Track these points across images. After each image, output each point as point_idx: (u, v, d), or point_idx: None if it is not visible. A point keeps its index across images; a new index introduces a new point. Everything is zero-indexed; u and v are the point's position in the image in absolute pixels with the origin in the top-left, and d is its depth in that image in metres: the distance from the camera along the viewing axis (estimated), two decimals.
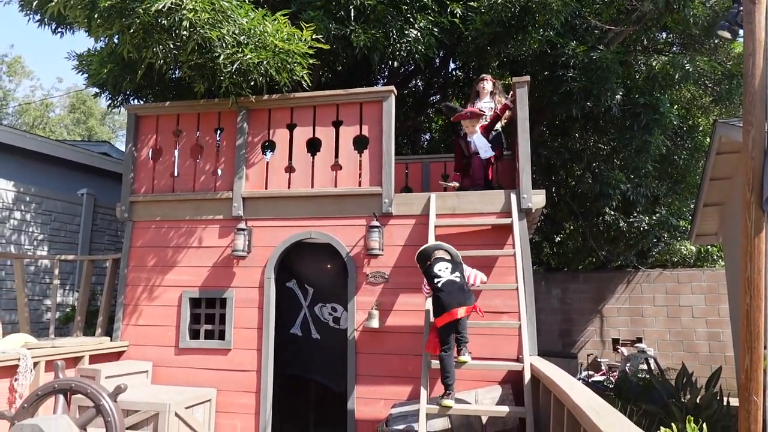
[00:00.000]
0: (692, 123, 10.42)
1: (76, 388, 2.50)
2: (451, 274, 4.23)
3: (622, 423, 2.02)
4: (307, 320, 5.79)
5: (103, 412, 2.42)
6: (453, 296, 4.14)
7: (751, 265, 1.46)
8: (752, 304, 1.44)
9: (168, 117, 6.02)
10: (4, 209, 7.24)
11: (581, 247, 11.43)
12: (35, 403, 2.58)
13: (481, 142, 5.63)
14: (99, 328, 5.93)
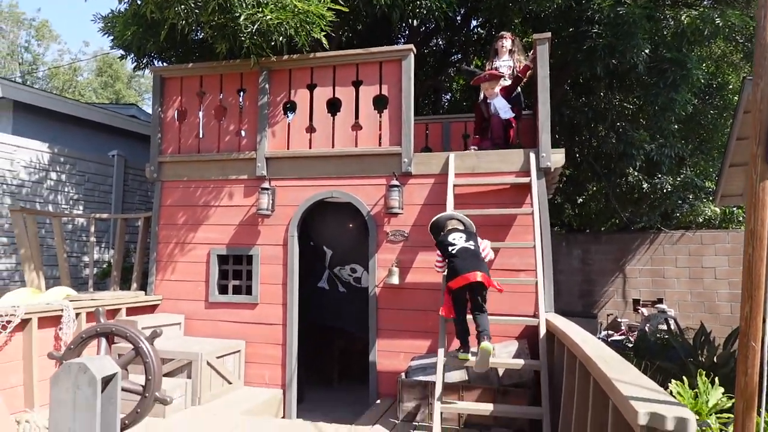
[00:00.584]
0: (721, 80, 10.11)
1: (117, 331, 2.71)
2: (466, 242, 4.22)
3: (629, 371, 2.13)
4: (332, 278, 6.02)
5: (142, 353, 2.62)
6: (468, 262, 4.10)
7: (755, 217, 1.52)
8: (754, 254, 1.51)
9: (192, 78, 6.12)
10: (41, 170, 7.52)
11: (604, 208, 11.36)
12: (80, 345, 2.80)
13: (500, 104, 5.60)
14: (134, 283, 6.22)
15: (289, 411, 5.48)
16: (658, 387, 1.86)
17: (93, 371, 1.98)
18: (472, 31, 9.77)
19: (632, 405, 1.65)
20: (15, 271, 7.23)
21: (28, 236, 5.92)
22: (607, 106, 9.47)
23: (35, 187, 7.47)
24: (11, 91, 8.17)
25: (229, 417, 4.60)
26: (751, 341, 1.49)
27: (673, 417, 1.54)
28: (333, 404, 6.07)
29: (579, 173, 10.41)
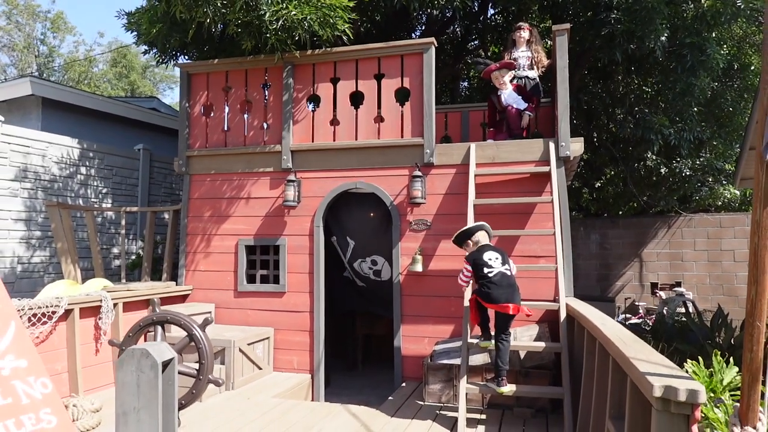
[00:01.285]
0: (743, 62, 10.02)
1: (172, 320, 2.92)
2: (502, 265, 4.15)
3: (645, 350, 2.28)
4: (350, 273, 6.21)
5: (195, 339, 2.83)
6: (505, 290, 4.04)
7: (760, 208, 1.66)
8: (759, 243, 1.64)
9: (217, 74, 6.30)
10: (71, 165, 7.80)
11: (622, 192, 11.38)
12: (138, 332, 3.02)
13: (512, 97, 5.67)
14: (165, 274, 6.48)
15: (317, 395, 5.71)
16: (672, 364, 2.02)
17: (154, 356, 2.19)
18: (490, 18, 9.81)
19: (648, 380, 1.81)
20: (49, 263, 7.54)
21: (64, 230, 6.19)
22: (625, 91, 9.48)
23: (66, 181, 7.75)
24: (40, 88, 8.44)
25: (262, 401, 4.84)
26: (756, 321, 1.63)
27: (686, 389, 1.71)
28: (359, 388, 6.30)
29: (597, 158, 10.44)
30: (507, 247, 5.23)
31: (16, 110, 8.50)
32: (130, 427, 2.20)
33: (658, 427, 1.80)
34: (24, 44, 28.61)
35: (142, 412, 2.19)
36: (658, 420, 1.80)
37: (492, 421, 4.28)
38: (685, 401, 1.71)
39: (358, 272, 6.16)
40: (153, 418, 2.20)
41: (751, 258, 1.67)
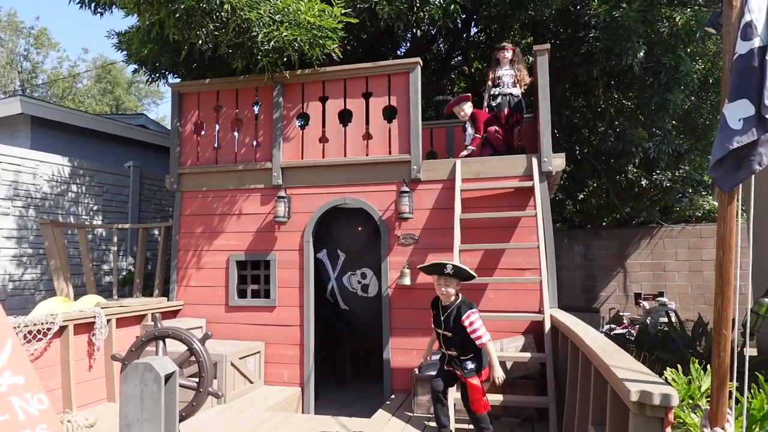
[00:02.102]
0: (717, 76, 10.37)
1: (173, 335, 3.01)
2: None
3: (624, 358, 2.42)
4: (335, 292, 6.19)
5: (195, 353, 2.92)
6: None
7: (724, 226, 1.80)
8: (724, 257, 1.79)
9: (208, 93, 6.43)
10: (62, 183, 7.83)
11: (604, 204, 11.65)
12: (140, 347, 3.10)
13: (469, 131, 5.98)
14: (156, 290, 6.53)
15: (307, 407, 5.78)
16: (648, 371, 2.16)
17: (157, 369, 2.28)
18: (473, 36, 10.06)
19: (626, 385, 1.94)
20: (40, 281, 7.54)
21: (57, 247, 6.22)
22: (606, 105, 9.76)
23: (57, 199, 7.78)
24: (29, 107, 8.49)
25: (255, 414, 4.91)
26: (722, 329, 1.78)
27: (659, 393, 1.85)
28: (349, 400, 6.37)
29: (579, 170, 10.69)
30: (492, 260, 5.39)
31: (4, 128, 8.53)
32: None
33: (635, 430, 1.94)
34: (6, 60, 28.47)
35: (145, 424, 2.28)
36: (635, 423, 1.94)
37: None
38: (659, 404, 1.85)
39: (346, 288, 6.14)
40: (156, 430, 2.29)
41: (717, 271, 1.83)
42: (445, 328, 3.72)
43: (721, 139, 1.79)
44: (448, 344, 3.77)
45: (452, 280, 3.71)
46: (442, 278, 3.70)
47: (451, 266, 3.67)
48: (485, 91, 6.15)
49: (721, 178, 1.76)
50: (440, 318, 3.75)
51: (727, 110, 1.81)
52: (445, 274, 3.68)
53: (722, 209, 1.82)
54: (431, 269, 3.80)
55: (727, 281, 1.79)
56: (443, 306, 3.77)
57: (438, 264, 3.74)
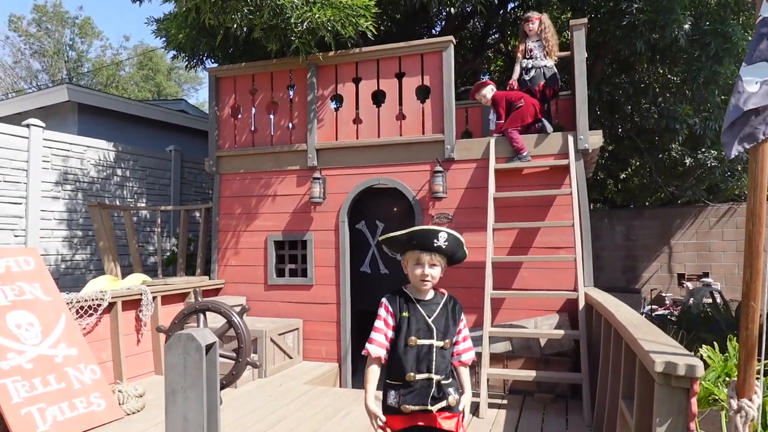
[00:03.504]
0: None
1: (213, 308, 3.16)
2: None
3: (654, 332, 2.41)
4: (376, 257, 6.36)
5: (234, 325, 3.06)
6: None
7: (754, 198, 1.77)
8: (753, 229, 1.76)
9: (244, 77, 6.55)
10: (107, 167, 8.17)
11: (647, 183, 11.32)
12: (183, 319, 3.28)
13: (491, 116, 5.86)
14: (198, 269, 6.78)
15: (345, 382, 5.94)
16: (677, 344, 2.16)
17: (199, 340, 2.41)
18: (509, 12, 9.86)
19: (651, 357, 1.95)
20: (90, 261, 7.92)
21: (105, 229, 6.52)
22: (649, 81, 9.43)
23: (103, 183, 8.12)
24: (76, 94, 8.84)
25: (294, 387, 5.08)
26: (751, 301, 1.76)
27: (684, 364, 1.85)
28: None
29: (621, 149, 10.41)
30: (527, 238, 5.37)
31: (53, 116, 8.91)
32: (179, 405, 2.43)
33: (660, 400, 1.95)
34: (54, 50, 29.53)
35: (188, 391, 2.42)
36: (660, 394, 1.95)
37: (513, 405, 4.44)
38: (684, 375, 1.85)
39: (385, 253, 6.29)
40: (198, 396, 2.42)
41: (746, 244, 1.80)
42: (436, 336, 2.27)
43: (735, 101, 1.75)
44: (428, 365, 2.25)
45: (441, 260, 2.30)
46: (429, 255, 2.27)
47: (446, 235, 2.26)
48: (516, 63, 6.01)
49: (728, 143, 1.74)
50: (416, 322, 2.28)
51: (744, 72, 1.77)
52: (435, 248, 2.26)
53: (752, 181, 1.78)
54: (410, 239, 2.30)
55: (756, 254, 1.76)
56: (420, 302, 2.32)
57: (423, 231, 2.28)
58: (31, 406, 3.69)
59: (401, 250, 2.39)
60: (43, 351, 4.03)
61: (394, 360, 2.30)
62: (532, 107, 5.52)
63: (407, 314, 2.31)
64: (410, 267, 2.33)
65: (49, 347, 4.08)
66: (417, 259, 2.29)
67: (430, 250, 2.27)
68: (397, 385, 2.28)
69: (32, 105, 9.01)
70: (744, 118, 1.72)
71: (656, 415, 1.98)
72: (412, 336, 2.27)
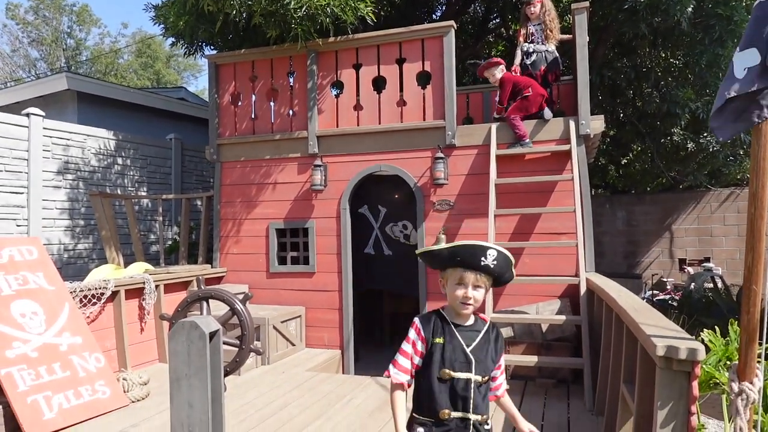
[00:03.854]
0: None
1: (216, 295, 3.18)
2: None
3: (655, 316, 2.42)
4: (379, 240, 6.40)
5: (237, 312, 3.08)
6: None
7: (757, 181, 1.76)
8: (755, 213, 1.75)
9: (244, 64, 6.52)
10: (108, 156, 8.16)
11: (649, 168, 11.29)
12: (186, 307, 3.29)
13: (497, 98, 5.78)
14: (200, 257, 6.80)
15: (347, 369, 5.97)
16: (678, 328, 2.17)
17: (202, 327, 2.43)
18: None
19: (653, 341, 1.96)
20: (92, 250, 7.95)
21: (106, 218, 6.53)
22: (651, 65, 9.37)
23: (104, 172, 8.12)
24: (75, 82, 8.80)
25: (296, 374, 5.12)
26: (753, 285, 1.77)
27: (686, 348, 1.86)
28: (386, 362, 6.50)
29: (622, 134, 10.36)
30: (528, 224, 5.37)
31: (53, 105, 8.89)
32: (183, 392, 2.45)
33: (661, 384, 1.96)
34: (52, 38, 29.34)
35: (193, 378, 2.44)
36: (661, 377, 1.96)
37: (515, 391, 4.47)
38: (686, 359, 1.87)
39: (389, 236, 6.32)
40: (203, 383, 2.44)
41: (748, 228, 1.80)
42: (474, 369, 1.97)
43: (723, 88, 1.75)
44: (465, 403, 1.97)
45: (487, 281, 2.00)
46: (474, 274, 1.96)
47: (496, 253, 1.96)
48: (518, 48, 5.96)
49: (719, 128, 1.73)
50: (452, 350, 1.99)
51: (737, 58, 1.77)
52: (482, 267, 1.96)
53: (754, 165, 1.78)
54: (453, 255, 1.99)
55: (758, 238, 1.76)
56: (459, 328, 2.03)
57: (469, 248, 1.98)
58: (38, 394, 3.73)
59: (441, 266, 2.06)
60: (47, 340, 4.05)
61: (423, 392, 2.02)
62: (539, 98, 5.48)
63: (442, 340, 2.00)
64: (450, 287, 2.01)
65: (54, 336, 4.11)
66: (459, 278, 1.97)
67: (475, 269, 1.96)
68: (427, 422, 1.99)
69: (31, 94, 8.98)
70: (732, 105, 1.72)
71: (657, 399, 1.99)
72: (446, 368, 1.96)
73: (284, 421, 3.85)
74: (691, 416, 1.95)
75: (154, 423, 3.83)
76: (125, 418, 3.95)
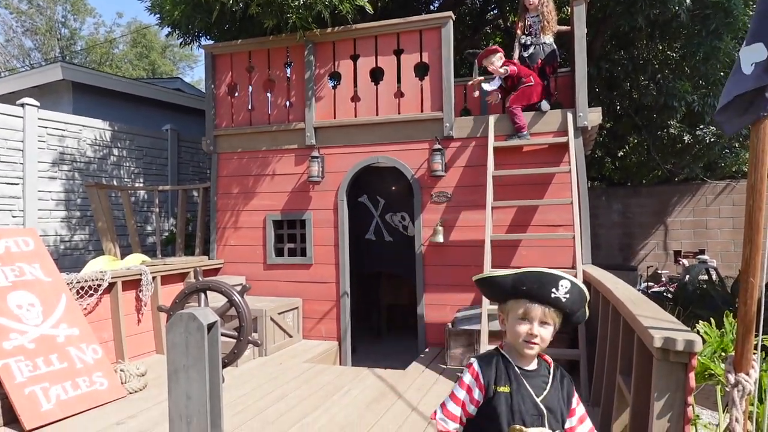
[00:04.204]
0: None
1: (214, 287, 3.18)
2: None
3: (652, 308, 2.44)
4: (380, 226, 6.48)
5: (235, 304, 3.08)
6: None
7: (755, 174, 1.77)
8: (754, 205, 1.76)
9: (241, 54, 6.48)
10: (104, 147, 8.12)
11: (645, 161, 11.31)
12: (184, 299, 3.29)
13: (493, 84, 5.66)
14: (197, 249, 6.79)
15: (344, 360, 6.00)
16: (674, 319, 2.18)
17: (200, 319, 2.42)
18: None
19: (650, 332, 1.98)
20: (89, 241, 7.92)
21: (102, 209, 6.51)
22: (649, 57, 9.36)
23: (100, 163, 8.08)
24: (70, 72, 8.74)
25: (294, 365, 5.14)
26: (750, 277, 1.78)
27: (683, 339, 1.87)
28: (384, 354, 6.56)
29: (619, 126, 10.38)
30: (525, 217, 5.38)
31: (48, 95, 8.82)
32: (181, 383, 2.45)
33: (658, 375, 1.98)
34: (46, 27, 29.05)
35: (191, 369, 2.44)
36: (658, 369, 1.98)
37: None
38: (683, 350, 1.88)
39: (389, 224, 6.38)
40: (201, 374, 2.44)
41: (746, 220, 1.81)
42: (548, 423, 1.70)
43: (730, 84, 1.74)
44: None
45: (557, 317, 1.72)
46: (541, 309, 1.70)
47: (569, 285, 1.70)
48: (516, 40, 5.94)
49: (725, 122, 1.73)
50: (521, 401, 1.70)
51: (743, 53, 1.76)
52: (552, 300, 1.69)
53: (753, 157, 1.78)
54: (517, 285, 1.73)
55: (756, 230, 1.77)
56: (525, 374, 1.74)
57: (537, 276, 1.72)
58: (35, 386, 3.73)
59: (502, 297, 1.78)
60: (44, 331, 4.05)
61: None
62: (540, 87, 5.48)
63: (507, 389, 1.69)
64: (511, 321, 1.73)
65: (51, 327, 4.11)
66: (524, 312, 1.69)
67: (544, 302, 1.68)
68: None
69: (26, 84, 8.91)
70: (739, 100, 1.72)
71: (654, 390, 2.01)
72: (516, 423, 1.64)
73: (282, 412, 3.86)
74: (687, 407, 1.97)
75: (152, 414, 3.84)
76: (123, 409, 3.95)
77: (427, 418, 3.68)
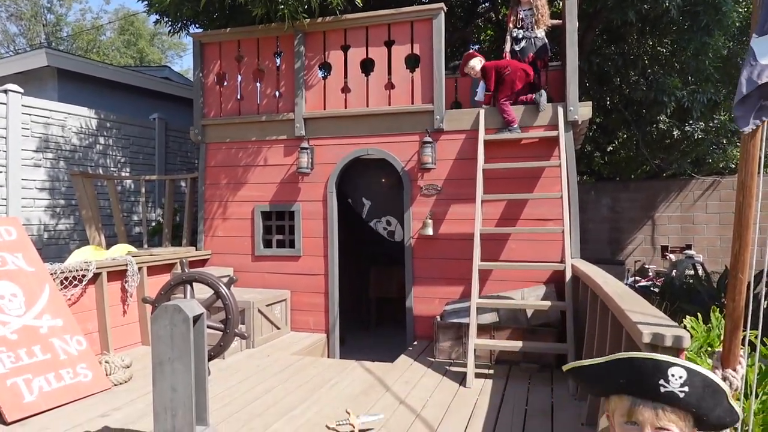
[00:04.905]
0: None
1: (200, 279, 3.14)
2: None
3: (640, 303, 2.44)
4: None
5: (222, 296, 3.05)
6: None
7: (745, 170, 1.76)
8: (743, 201, 1.76)
9: (230, 43, 6.39)
10: (90, 135, 8.00)
11: (634, 156, 11.37)
12: (170, 291, 3.26)
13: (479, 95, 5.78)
14: (185, 239, 6.72)
15: (333, 353, 5.98)
16: (662, 315, 2.18)
17: (186, 311, 2.39)
18: None
19: (639, 328, 1.98)
20: (73, 231, 7.82)
21: (88, 198, 6.41)
22: (639, 53, 9.38)
23: (86, 151, 7.96)
24: (55, 59, 8.58)
25: (281, 357, 5.11)
26: (738, 273, 1.78)
27: (671, 335, 1.87)
28: (372, 346, 6.56)
29: (609, 121, 10.41)
30: (515, 210, 5.38)
31: (32, 81, 8.66)
32: (166, 376, 2.42)
33: None
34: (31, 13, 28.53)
35: (176, 362, 2.40)
36: None
37: (500, 375, 4.51)
38: (672, 346, 1.88)
39: (374, 231, 6.35)
40: (186, 367, 2.41)
41: (735, 216, 1.81)
42: None
43: (747, 74, 1.71)
44: None
45: (679, 419, 1.25)
46: (652, 409, 1.26)
47: (685, 374, 1.23)
48: (507, 34, 5.91)
49: (741, 117, 1.71)
50: None
51: (755, 44, 1.74)
52: (663, 396, 1.24)
53: (744, 153, 1.78)
54: (615, 374, 1.31)
55: (745, 226, 1.77)
56: None
57: (636, 364, 1.28)
58: (17, 377, 3.67)
59: (600, 391, 1.39)
60: (27, 322, 3.98)
61: None
62: (521, 71, 5.43)
63: None
64: (618, 425, 1.33)
65: (34, 318, 4.04)
66: (628, 412, 1.28)
67: (652, 398, 1.25)
68: None
69: (10, 70, 8.73)
70: (758, 91, 1.69)
71: None
72: None
73: (269, 404, 3.84)
74: None
75: (137, 406, 3.80)
76: (108, 401, 3.91)
77: (415, 411, 3.67)
